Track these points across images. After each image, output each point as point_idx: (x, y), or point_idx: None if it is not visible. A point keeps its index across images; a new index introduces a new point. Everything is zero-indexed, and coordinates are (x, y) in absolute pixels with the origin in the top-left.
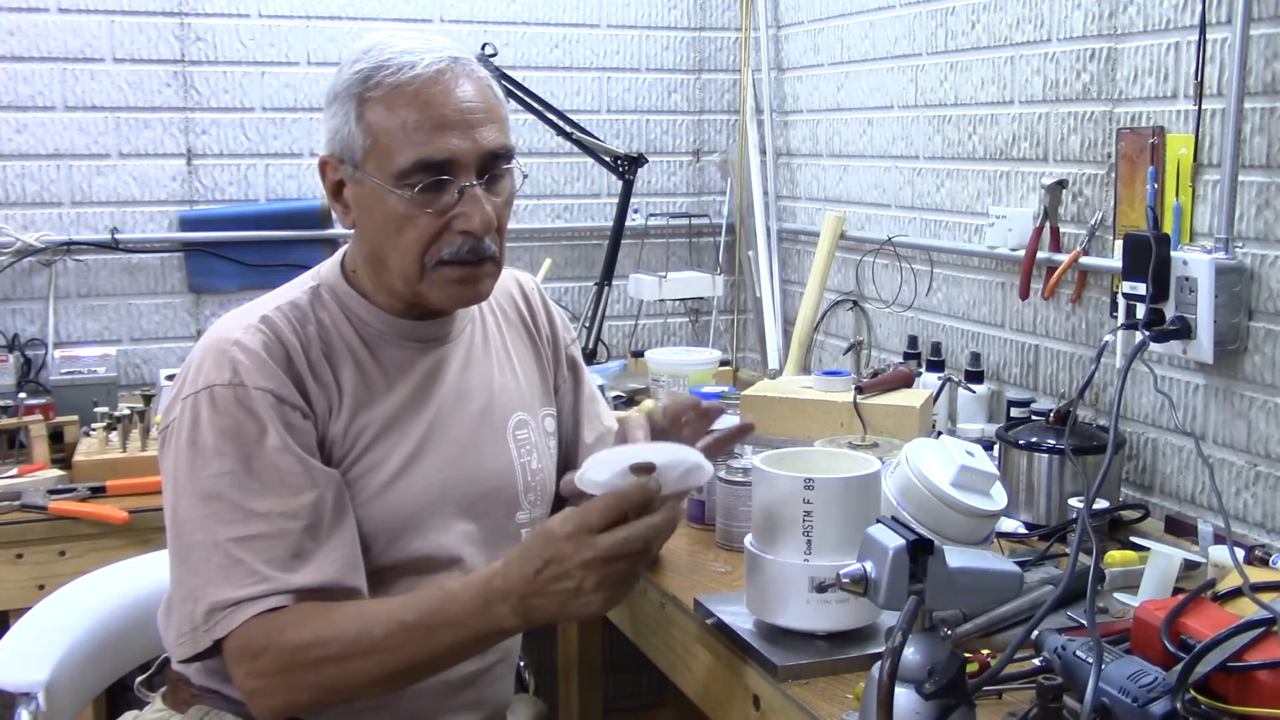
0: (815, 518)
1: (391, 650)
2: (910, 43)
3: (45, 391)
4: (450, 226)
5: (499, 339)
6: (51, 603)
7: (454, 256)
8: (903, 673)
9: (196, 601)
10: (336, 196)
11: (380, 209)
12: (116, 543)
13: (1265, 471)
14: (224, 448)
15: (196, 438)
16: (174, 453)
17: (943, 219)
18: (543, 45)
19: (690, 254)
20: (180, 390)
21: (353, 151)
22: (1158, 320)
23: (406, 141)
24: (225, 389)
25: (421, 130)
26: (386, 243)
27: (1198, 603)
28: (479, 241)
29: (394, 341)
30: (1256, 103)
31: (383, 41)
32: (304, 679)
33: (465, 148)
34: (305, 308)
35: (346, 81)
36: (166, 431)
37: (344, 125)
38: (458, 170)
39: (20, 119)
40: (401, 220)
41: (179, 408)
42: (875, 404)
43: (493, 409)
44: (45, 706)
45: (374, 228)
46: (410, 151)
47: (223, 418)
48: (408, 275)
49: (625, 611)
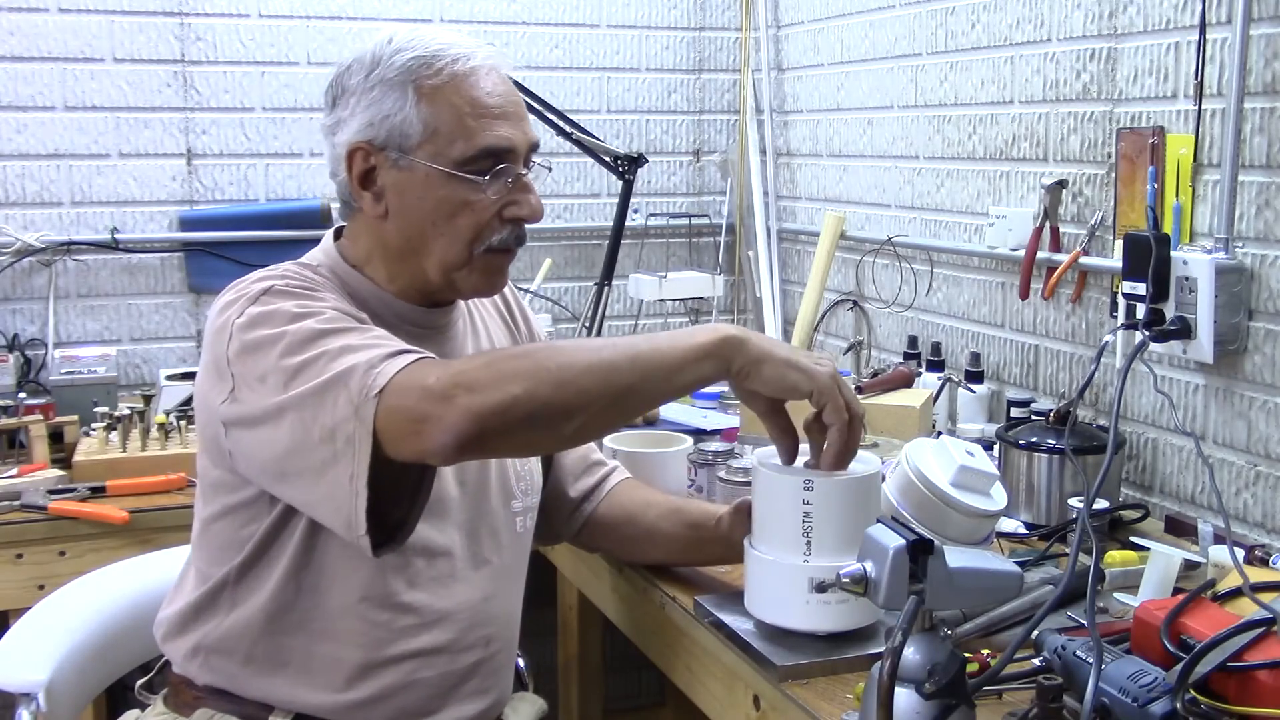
0: (815, 518)
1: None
2: (910, 43)
3: (45, 391)
4: (500, 214)
5: (485, 330)
6: (51, 603)
7: (501, 243)
8: (903, 673)
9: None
10: (365, 184)
11: (432, 195)
12: (116, 543)
13: (1265, 471)
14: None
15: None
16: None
17: (943, 219)
18: (543, 45)
19: (690, 254)
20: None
21: (405, 137)
22: (1158, 320)
23: (470, 128)
24: (279, 289)
25: (485, 118)
26: (433, 229)
27: (1198, 603)
28: (522, 229)
29: (399, 326)
30: (1256, 103)
31: (420, 34)
32: (516, 363)
33: (519, 138)
34: (312, 275)
35: (396, 69)
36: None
37: (395, 111)
38: (514, 159)
39: (20, 119)
40: (458, 206)
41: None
42: (875, 404)
43: None
44: (46, 707)
45: (419, 214)
46: (476, 138)
47: (299, 295)
48: (451, 262)
49: (625, 611)
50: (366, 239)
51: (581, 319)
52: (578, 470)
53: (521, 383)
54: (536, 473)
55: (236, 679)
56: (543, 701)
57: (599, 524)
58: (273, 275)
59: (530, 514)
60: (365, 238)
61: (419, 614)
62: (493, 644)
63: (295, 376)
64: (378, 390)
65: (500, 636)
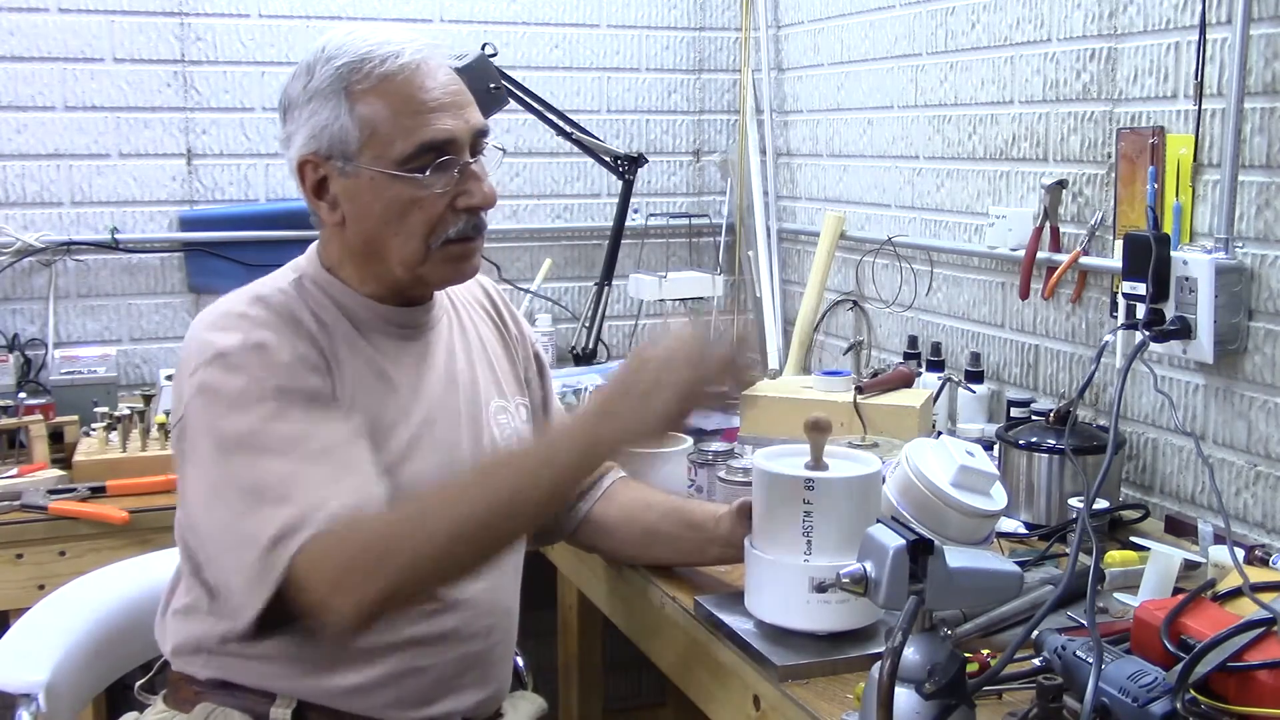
0: (815, 518)
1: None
2: (910, 43)
3: (45, 391)
4: (453, 205)
5: (473, 329)
6: (51, 603)
7: (459, 234)
8: (903, 673)
9: (255, 539)
10: (319, 195)
11: (380, 198)
12: (116, 543)
13: (1265, 471)
14: (247, 395)
15: (218, 397)
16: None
17: (943, 219)
18: (543, 45)
19: (690, 254)
20: (184, 373)
21: (345, 144)
22: (1158, 320)
23: (406, 126)
24: (238, 349)
25: (420, 113)
26: (387, 230)
27: (1198, 603)
28: (479, 217)
29: (383, 329)
30: (1256, 103)
31: (350, 38)
32: (388, 557)
33: (460, 127)
34: (294, 294)
35: (328, 78)
36: (183, 416)
37: (333, 120)
38: (457, 149)
39: (20, 119)
40: (407, 205)
41: (189, 388)
42: (875, 404)
43: (476, 395)
44: (45, 707)
45: (372, 218)
46: (413, 135)
47: (240, 372)
48: (411, 259)
49: (625, 611)
50: (335, 246)
51: (581, 319)
52: None
53: (401, 572)
54: None
55: (237, 670)
56: (542, 700)
57: (596, 523)
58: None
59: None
60: (333, 245)
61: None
62: (494, 635)
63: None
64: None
65: (500, 627)
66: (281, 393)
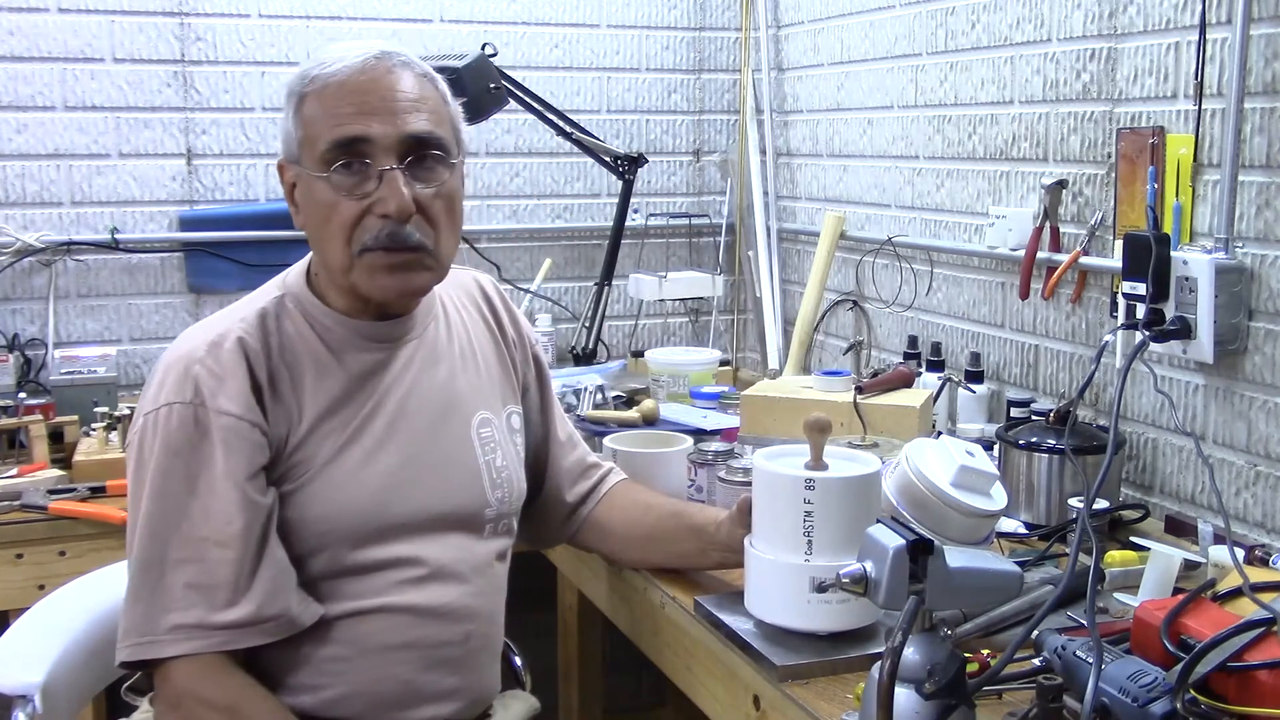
0: (816, 518)
1: None
2: (910, 43)
3: (45, 391)
4: (371, 211)
5: (464, 336)
6: (48, 604)
7: (375, 242)
8: (903, 673)
9: (143, 615)
10: (291, 198)
11: (311, 199)
12: (116, 543)
13: (1265, 471)
14: (172, 467)
15: (149, 454)
16: (133, 464)
17: (943, 219)
18: (543, 45)
19: (690, 254)
20: (142, 405)
21: (292, 149)
22: (1158, 320)
23: (326, 126)
24: (185, 407)
25: (341, 114)
26: (319, 233)
27: (1198, 603)
28: (398, 227)
29: (356, 344)
30: (1256, 103)
31: (324, 49)
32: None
33: (383, 130)
34: (270, 319)
35: (289, 85)
36: (129, 444)
37: (286, 125)
38: (375, 152)
39: (20, 119)
40: (328, 207)
41: (140, 423)
42: (875, 404)
43: (456, 406)
44: (42, 708)
45: (310, 219)
46: (328, 134)
47: (176, 436)
48: (338, 265)
49: (625, 611)
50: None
51: (581, 319)
52: (574, 474)
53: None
54: (518, 479)
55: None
56: (535, 700)
57: (596, 527)
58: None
59: (504, 520)
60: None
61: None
62: (471, 640)
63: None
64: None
65: (479, 633)
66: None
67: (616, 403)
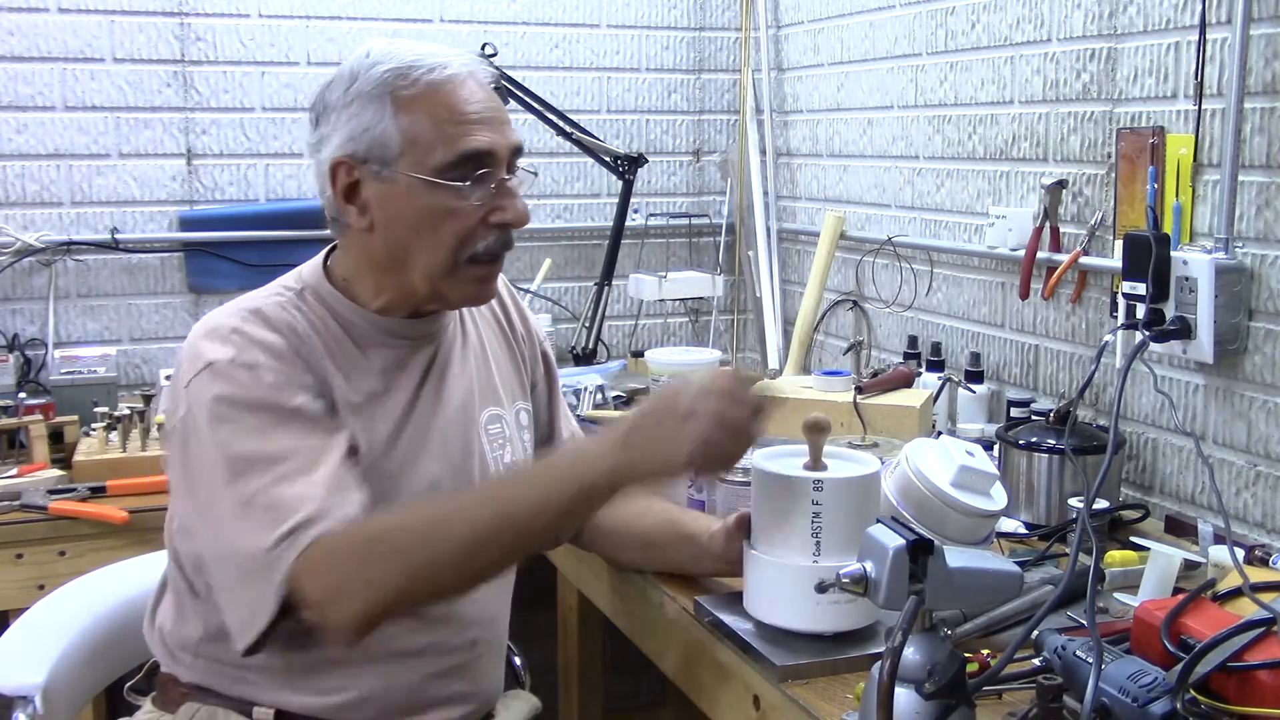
0: (825, 519)
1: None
2: (910, 43)
3: (45, 391)
4: (485, 221)
5: (475, 334)
6: (48, 604)
7: (487, 251)
8: (903, 673)
9: (252, 551)
10: (350, 199)
11: (414, 205)
12: (116, 543)
13: (1265, 471)
14: (231, 414)
15: (203, 419)
16: (186, 436)
17: (943, 219)
18: (543, 45)
19: (690, 254)
20: (179, 382)
21: (385, 148)
22: (1158, 320)
23: (448, 135)
24: (228, 363)
25: (464, 124)
26: (416, 239)
27: (1198, 603)
28: (508, 235)
29: (383, 341)
30: (1256, 103)
31: (395, 47)
32: (392, 564)
33: (500, 142)
34: (292, 307)
35: (373, 82)
36: (174, 425)
37: (374, 124)
38: (495, 164)
39: (20, 119)
40: (441, 214)
41: (183, 398)
42: (875, 404)
43: (470, 403)
44: (42, 709)
45: (403, 225)
46: (455, 144)
47: (227, 388)
48: (437, 271)
49: (625, 611)
50: (354, 254)
51: (581, 319)
52: None
53: (400, 580)
54: None
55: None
56: (536, 700)
57: (596, 528)
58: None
59: None
60: (353, 252)
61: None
62: (478, 646)
63: (214, 501)
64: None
65: (485, 639)
66: (271, 409)
67: (617, 403)
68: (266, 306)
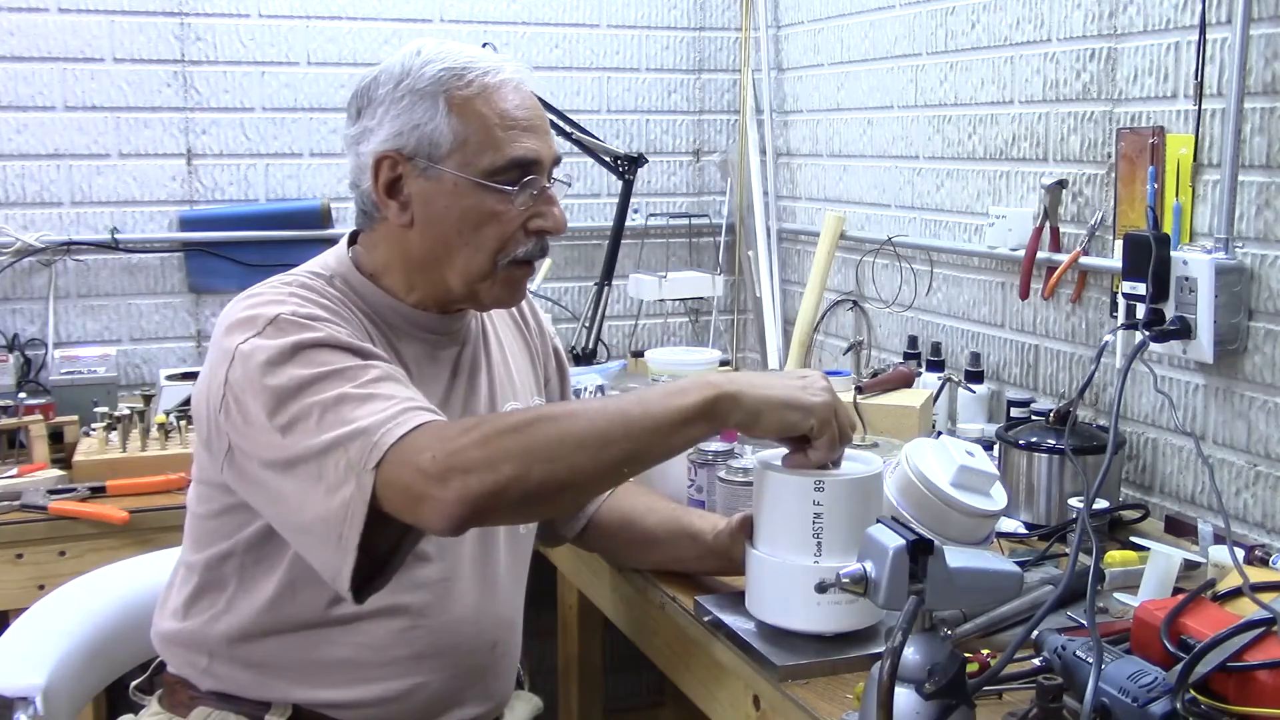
0: (826, 519)
1: (594, 409)
2: (910, 43)
3: (45, 391)
4: (525, 226)
5: (493, 331)
6: (48, 605)
7: (526, 255)
8: (903, 673)
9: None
10: (391, 193)
11: (459, 205)
12: (116, 543)
13: (1265, 471)
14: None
15: (278, 354)
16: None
17: (943, 219)
18: (543, 45)
19: (690, 254)
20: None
21: (434, 146)
22: (1158, 320)
23: (499, 140)
24: (282, 318)
25: (514, 130)
26: (458, 239)
27: (1198, 603)
28: (545, 241)
29: (412, 333)
30: (1256, 103)
31: (448, 47)
32: (506, 440)
33: (545, 151)
34: (328, 288)
35: (427, 79)
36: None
37: (425, 121)
38: (540, 171)
39: (20, 119)
40: (485, 216)
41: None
42: (875, 404)
43: (495, 401)
44: (43, 710)
45: (446, 224)
46: (505, 149)
47: (305, 330)
48: (475, 273)
49: (625, 611)
50: (386, 248)
51: (581, 319)
52: None
53: (514, 464)
54: None
55: (234, 679)
56: (537, 699)
57: (600, 526)
58: (283, 294)
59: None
60: (385, 247)
61: (423, 618)
62: (497, 649)
63: (296, 427)
64: (375, 462)
65: (503, 641)
66: (348, 348)
67: None
68: (307, 280)
